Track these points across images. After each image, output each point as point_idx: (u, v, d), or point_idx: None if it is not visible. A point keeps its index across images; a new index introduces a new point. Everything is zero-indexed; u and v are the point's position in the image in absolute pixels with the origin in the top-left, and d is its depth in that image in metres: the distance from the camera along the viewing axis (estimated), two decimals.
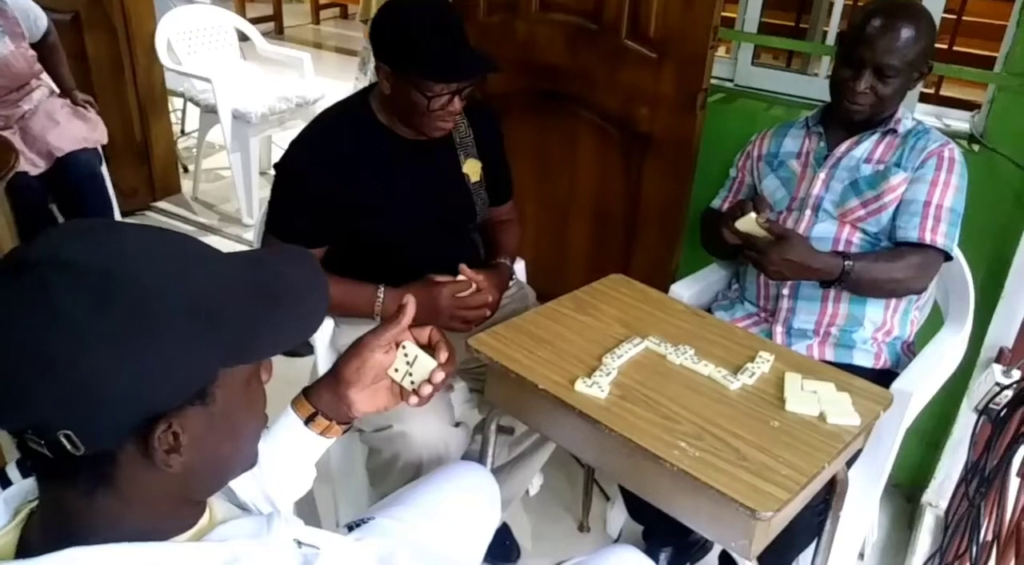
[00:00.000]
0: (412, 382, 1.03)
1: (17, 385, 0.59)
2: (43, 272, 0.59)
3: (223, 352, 0.66)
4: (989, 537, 1.49)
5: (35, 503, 0.71)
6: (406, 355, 1.03)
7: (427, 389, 1.02)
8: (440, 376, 1.02)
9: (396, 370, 1.03)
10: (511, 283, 1.85)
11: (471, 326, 1.66)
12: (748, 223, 1.59)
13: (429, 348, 1.05)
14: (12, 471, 0.73)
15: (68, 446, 0.60)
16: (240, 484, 0.83)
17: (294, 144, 1.62)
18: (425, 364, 1.02)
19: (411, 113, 1.56)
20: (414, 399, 1.03)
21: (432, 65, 1.49)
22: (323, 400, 1.02)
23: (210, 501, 0.76)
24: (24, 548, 0.68)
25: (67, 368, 0.58)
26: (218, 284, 0.67)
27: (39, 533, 0.68)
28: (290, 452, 1.02)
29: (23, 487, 0.72)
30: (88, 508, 0.65)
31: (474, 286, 1.66)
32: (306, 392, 1.03)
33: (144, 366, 0.61)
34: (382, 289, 1.63)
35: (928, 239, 1.61)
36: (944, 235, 1.61)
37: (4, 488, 0.72)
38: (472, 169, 1.75)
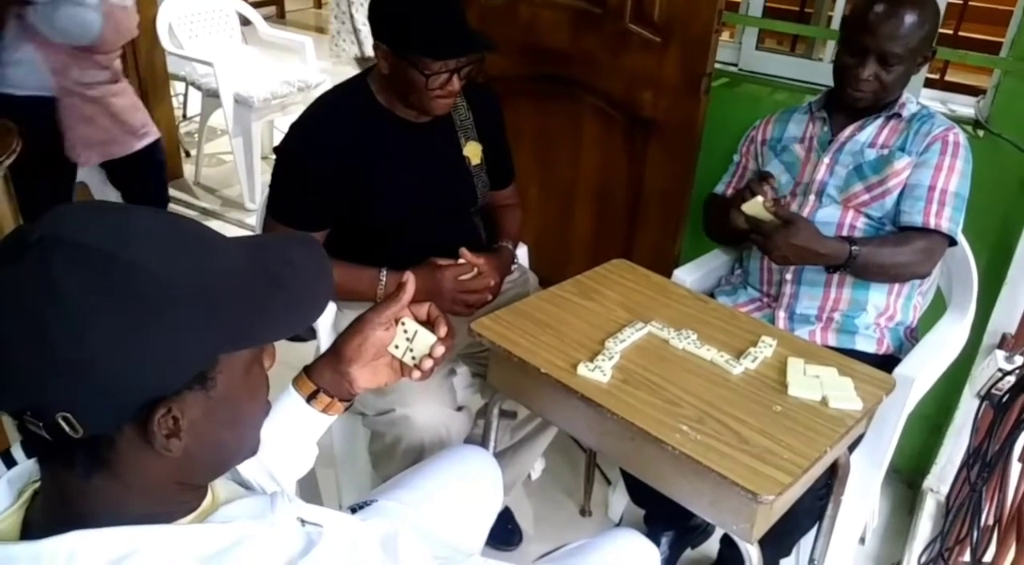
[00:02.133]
0: (413, 357, 1.04)
1: (15, 366, 0.59)
2: (45, 251, 0.59)
3: (225, 337, 0.66)
4: (990, 522, 1.50)
5: (39, 484, 0.70)
6: (406, 331, 1.04)
7: (428, 363, 1.03)
8: (440, 350, 1.03)
9: (396, 346, 1.04)
10: (513, 267, 1.85)
11: (473, 310, 1.66)
12: (755, 207, 1.59)
13: (428, 324, 1.06)
14: (17, 451, 0.73)
15: (67, 428, 0.60)
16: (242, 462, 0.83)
17: (294, 127, 1.62)
18: (425, 339, 1.04)
19: (409, 92, 1.56)
20: (416, 373, 1.04)
21: (429, 43, 1.49)
22: (324, 378, 1.03)
23: (213, 482, 0.76)
24: (28, 530, 0.68)
25: (65, 349, 0.58)
26: (221, 268, 0.66)
27: (42, 515, 0.68)
28: (292, 430, 1.02)
29: (27, 467, 0.72)
30: (88, 491, 0.65)
31: (476, 270, 1.66)
32: (307, 370, 1.04)
33: (144, 349, 0.60)
34: (384, 272, 1.63)
35: (933, 224, 1.60)
36: (949, 220, 1.61)
37: (9, 468, 0.72)
38: (473, 152, 1.75)
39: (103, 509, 0.65)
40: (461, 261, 1.66)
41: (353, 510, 1.18)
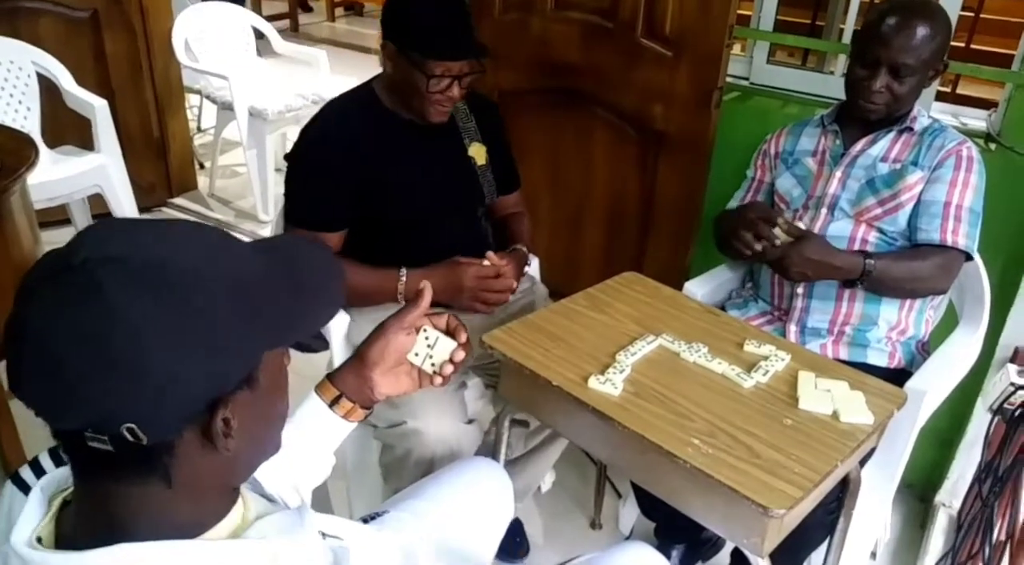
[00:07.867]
0: (433, 365, 1.07)
1: (82, 387, 0.59)
2: (93, 272, 0.59)
3: (268, 335, 0.68)
4: (1002, 537, 1.49)
5: (67, 492, 0.71)
6: (427, 338, 1.07)
7: (448, 369, 1.07)
8: (461, 355, 1.07)
9: (416, 354, 1.08)
10: (523, 278, 1.87)
11: (492, 309, 1.70)
12: None
13: (447, 333, 1.09)
14: (45, 459, 0.74)
15: (131, 438, 0.61)
16: (267, 475, 0.84)
17: (302, 133, 1.67)
18: (445, 345, 1.07)
19: (411, 95, 1.61)
20: (438, 380, 1.08)
21: (432, 42, 1.54)
22: (347, 383, 1.05)
23: (244, 494, 0.77)
24: (60, 541, 0.68)
25: (131, 365, 0.59)
26: (252, 269, 0.68)
27: (77, 525, 0.68)
28: (314, 436, 1.05)
29: (56, 476, 0.72)
30: (135, 499, 0.65)
31: (498, 271, 1.69)
32: (330, 376, 1.07)
33: (203, 353, 0.62)
34: (404, 271, 1.66)
35: (950, 241, 1.60)
36: (965, 236, 1.61)
37: (39, 477, 0.73)
38: (478, 152, 1.79)
39: (146, 517, 0.66)
40: (484, 262, 1.69)
41: (365, 521, 1.19)
